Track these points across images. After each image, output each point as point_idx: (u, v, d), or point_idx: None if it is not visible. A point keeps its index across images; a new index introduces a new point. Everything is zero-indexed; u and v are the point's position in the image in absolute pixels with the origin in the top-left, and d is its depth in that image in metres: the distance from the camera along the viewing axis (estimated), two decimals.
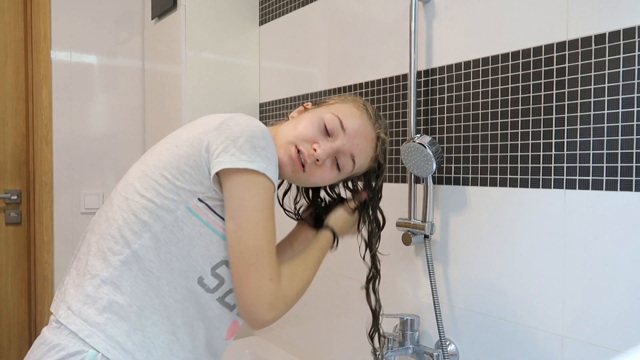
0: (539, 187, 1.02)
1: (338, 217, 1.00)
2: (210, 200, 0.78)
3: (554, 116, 0.99)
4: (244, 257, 0.76)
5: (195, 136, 0.79)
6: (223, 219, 0.79)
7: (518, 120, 1.05)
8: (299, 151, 0.85)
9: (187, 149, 0.78)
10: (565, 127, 0.97)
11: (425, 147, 1.12)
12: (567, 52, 0.97)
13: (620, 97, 0.89)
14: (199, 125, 0.81)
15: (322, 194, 1.05)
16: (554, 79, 0.99)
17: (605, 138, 0.91)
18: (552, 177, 0.99)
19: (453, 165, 1.18)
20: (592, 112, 0.93)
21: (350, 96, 0.96)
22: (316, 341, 1.62)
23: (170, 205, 0.77)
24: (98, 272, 0.78)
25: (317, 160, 0.85)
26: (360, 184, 1.00)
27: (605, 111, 0.91)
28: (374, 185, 0.99)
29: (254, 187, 0.76)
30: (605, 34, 0.91)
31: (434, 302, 1.14)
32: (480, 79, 1.12)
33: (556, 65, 0.98)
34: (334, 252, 0.98)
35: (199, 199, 0.78)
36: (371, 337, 1.06)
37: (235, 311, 0.85)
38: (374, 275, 1.04)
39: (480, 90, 1.12)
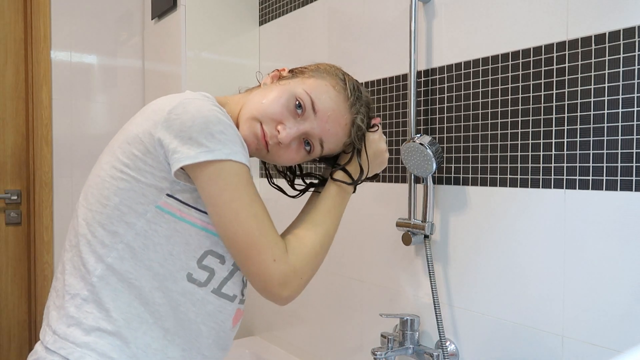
0: (539, 187, 1.02)
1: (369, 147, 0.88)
2: (180, 194, 0.74)
3: (554, 116, 0.99)
4: (238, 248, 0.74)
5: (145, 131, 0.73)
6: (198, 209, 0.75)
7: (518, 120, 1.05)
8: (263, 130, 0.79)
9: (140, 147, 0.73)
10: (565, 127, 0.97)
11: (425, 147, 1.12)
12: (567, 52, 0.97)
13: (620, 97, 0.89)
14: (147, 117, 0.75)
15: None
16: (554, 79, 0.99)
17: (605, 138, 0.91)
18: (552, 177, 0.99)
19: (453, 165, 1.18)
20: (592, 112, 0.93)
21: (331, 68, 0.86)
22: (316, 341, 1.62)
23: (139, 208, 0.74)
24: (78, 292, 0.75)
25: (280, 143, 0.79)
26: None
27: (605, 111, 0.91)
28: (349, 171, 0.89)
29: (221, 179, 0.71)
30: (605, 34, 0.91)
31: (434, 302, 1.14)
32: (480, 79, 1.12)
33: (556, 65, 0.98)
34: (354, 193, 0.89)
35: (168, 195, 0.74)
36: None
37: (237, 301, 0.82)
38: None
39: (480, 90, 1.12)
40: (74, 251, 0.77)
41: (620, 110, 0.89)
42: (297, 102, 0.79)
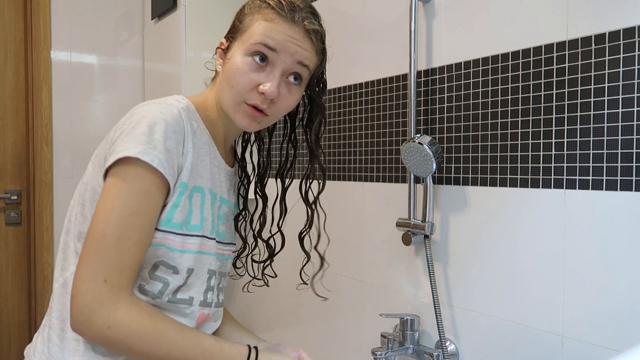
0: (539, 187, 1.02)
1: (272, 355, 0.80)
2: None
3: (554, 116, 0.99)
4: (86, 246, 0.67)
5: (105, 143, 0.75)
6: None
7: (518, 120, 1.05)
8: (251, 105, 0.77)
9: (96, 160, 0.75)
10: (565, 127, 0.97)
11: (425, 147, 1.12)
12: (567, 52, 0.97)
13: (620, 97, 0.89)
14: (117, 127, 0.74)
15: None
16: (554, 79, 0.99)
17: (605, 138, 0.91)
18: (552, 177, 0.99)
19: (453, 165, 1.18)
20: (592, 112, 0.93)
21: (254, 1, 0.82)
22: (316, 341, 1.62)
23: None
24: (51, 299, 0.79)
25: (273, 99, 0.77)
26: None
27: (605, 111, 0.91)
28: (321, 75, 0.88)
29: (121, 173, 0.68)
30: (605, 34, 0.91)
31: (434, 302, 1.14)
32: (480, 79, 1.12)
33: (556, 65, 0.98)
34: None
35: None
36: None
37: (196, 303, 0.80)
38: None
39: (480, 90, 1.12)
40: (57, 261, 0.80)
41: (620, 110, 0.89)
42: (256, 57, 0.77)
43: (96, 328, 0.65)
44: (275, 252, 0.99)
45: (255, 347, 0.78)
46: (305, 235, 0.94)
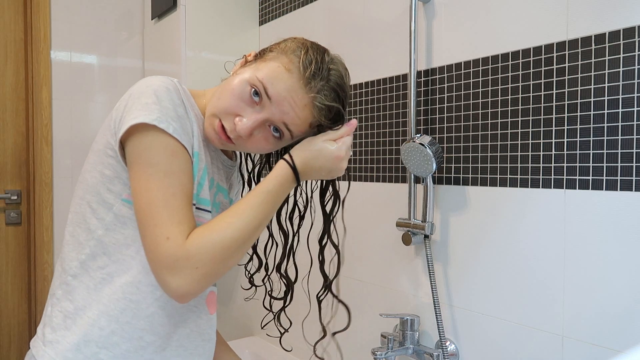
0: (539, 187, 1.02)
1: (307, 145, 0.77)
2: None
3: (554, 116, 0.99)
4: (139, 216, 0.68)
5: (106, 125, 0.75)
6: None
7: (518, 120, 1.05)
8: (222, 126, 0.75)
9: (101, 139, 0.75)
10: (565, 127, 0.97)
11: (425, 147, 1.12)
12: (567, 52, 0.97)
13: (620, 97, 0.89)
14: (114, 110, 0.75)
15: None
16: (554, 79, 0.99)
17: (605, 138, 0.91)
18: (552, 177, 0.99)
19: (453, 165, 1.18)
20: (592, 112, 0.93)
21: (294, 43, 0.79)
22: (316, 341, 1.61)
23: (106, 202, 0.73)
24: (54, 291, 0.77)
25: (240, 136, 0.75)
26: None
27: (605, 111, 0.91)
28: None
29: (145, 141, 0.68)
30: (605, 34, 0.91)
31: (434, 302, 1.14)
32: (480, 79, 1.12)
33: (556, 65, 0.98)
34: (300, 191, 0.80)
35: None
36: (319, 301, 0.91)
37: None
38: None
39: (480, 90, 1.12)
40: (61, 253, 0.79)
41: (620, 110, 0.89)
42: (252, 90, 0.74)
43: (190, 278, 0.66)
44: (291, 293, 0.96)
45: (290, 155, 0.76)
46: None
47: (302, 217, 0.92)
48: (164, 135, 0.68)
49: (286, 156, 0.76)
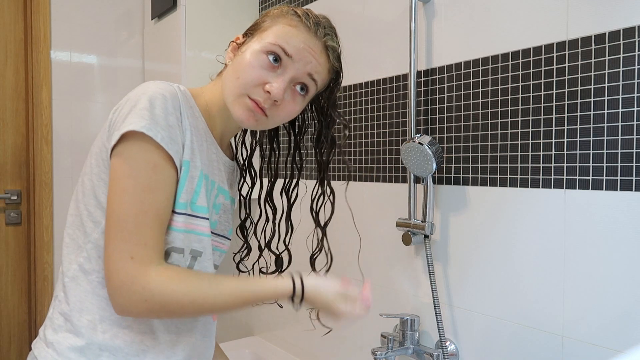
0: (539, 187, 1.02)
1: (322, 290, 0.76)
2: None
3: (554, 116, 0.99)
4: (108, 225, 0.68)
5: (105, 128, 0.75)
6: None
7: (518, 120, 1.05)
8: (254, 100, 0.77)
9: (98, 143, 0.75)
10: (565, 127, 0.97)
11: (425, 147, 1.12)
12: (567, 52, 0.97)
13: (620, 97, 0.89)
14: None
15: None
16: (554, 79, 0.99)
17: (605, 138, 0.91)
18: (552, 177, 0.99)
19: (453, 165, 1.18)
20: (592, 112, 0.93)
21: (279, 9, 0.83)
22: (316, 341, 1.62)
23: (102, 204, 0.73)
24: (57, 293, 0.78)
25: (276, 100, 0.77)
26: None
27: (605, 111, 0.91)
28: (333, 97, 0.88)
29: (126, 151, 0.68)
30: (605, 34, 0.91)
31: (434, 302, 1.14)
32: (480, 79, 1.12)
33: (556, 65, 0.98)
34: (297, 310, 0.77)
35: None
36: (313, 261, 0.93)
37: None
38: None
39: (480, 90, 1.12)
40: (62, 257, 0.79)
41: (620, 110, 0.89)
42: (270, 57, 0.77)
43: (135, 304, 0.67)
44: (283, 269, 0.97)
45: (299, 274, 0.76)
46: (316, 257, 0.93)
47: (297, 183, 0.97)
48: (149, 145, 0.68)
49: (297, 281, 0.74)
